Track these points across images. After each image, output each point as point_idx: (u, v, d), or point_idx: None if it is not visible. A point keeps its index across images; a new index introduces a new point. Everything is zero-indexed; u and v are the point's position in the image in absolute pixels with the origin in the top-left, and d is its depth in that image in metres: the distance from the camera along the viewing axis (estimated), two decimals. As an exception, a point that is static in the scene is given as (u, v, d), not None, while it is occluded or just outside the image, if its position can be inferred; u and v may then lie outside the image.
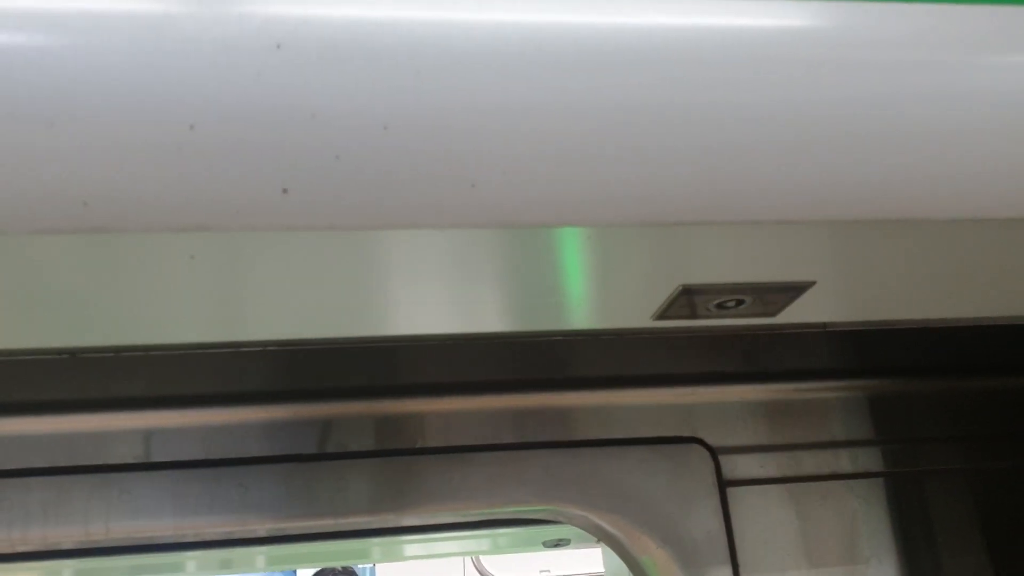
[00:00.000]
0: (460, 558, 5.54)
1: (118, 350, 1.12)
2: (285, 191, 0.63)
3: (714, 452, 1.32)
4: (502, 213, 0.67)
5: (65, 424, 1.17)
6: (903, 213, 0.76)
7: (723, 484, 1.31)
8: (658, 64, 0.68)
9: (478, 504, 1.25)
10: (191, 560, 1.44)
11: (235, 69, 0.61)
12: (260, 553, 1.53)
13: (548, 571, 4.61)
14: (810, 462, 1.37)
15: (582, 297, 0.90)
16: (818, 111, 0.71)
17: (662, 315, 0.89)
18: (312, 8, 0.62)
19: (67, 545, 1.17)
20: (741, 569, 1.29)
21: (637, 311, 0.91)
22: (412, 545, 1.69)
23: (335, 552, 1.76)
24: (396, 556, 1.69)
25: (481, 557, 4.34)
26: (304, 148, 0.62)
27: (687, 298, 0.85)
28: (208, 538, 1.21)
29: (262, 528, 1.20)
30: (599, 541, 1.61)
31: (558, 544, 1.53)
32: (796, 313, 0.97)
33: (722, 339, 1.34)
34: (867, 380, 1.43)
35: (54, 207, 0.61)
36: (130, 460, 1.18)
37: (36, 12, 0.60)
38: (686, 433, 1.31)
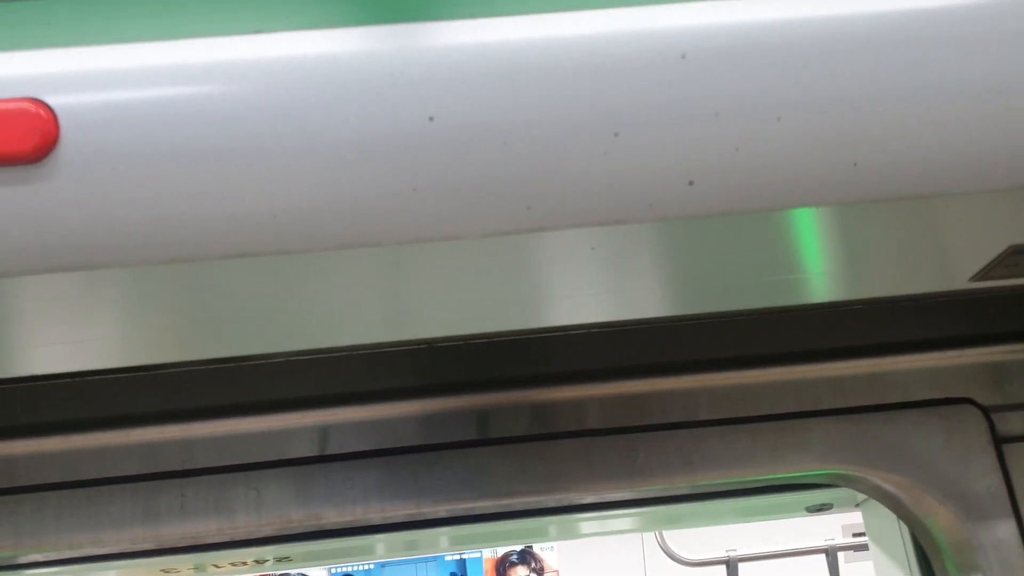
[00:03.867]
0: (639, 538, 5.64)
1: (332, 351, 1.22)
2: (691, 183, 0.72)
3: (986, 411, 1.34)
4: (879, 186, 0.73)
5: (256, 424, 1.28)
6: None
7: (998, 441, 1.33)
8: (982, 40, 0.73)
9: (760, 470, 1.32)
10: (380, 543, 1.55)
11: (648, 77, 0.70)
12: (443, 534, 1.64)
13: (735, 549, 4.60)
14: None
15: (898, 262, 0.96)
16: None
17: (984, 276, 0.94)
18: (711, 17, 0.71)
19: (270, 532, 1.29)
20: (1026, 523, 1.31)
21: (956, 274, 0.95)
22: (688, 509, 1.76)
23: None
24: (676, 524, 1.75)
25: (665, 535, 4.37)
26: (708, 143, 0.71)
27: (1016, 258, 0.90)
28: (399, 520, 1.31)
29: (442, 510, 1.29)
30: (858, 505, 1.65)
31: (821, 509, 1.59)
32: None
33: (987, 300, 1.36)
34: None
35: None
36: (317, 453, 1.28)
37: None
38: (957, 394, 1.34)
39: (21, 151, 0.64)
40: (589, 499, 1.36)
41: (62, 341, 0.95)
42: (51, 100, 0.66)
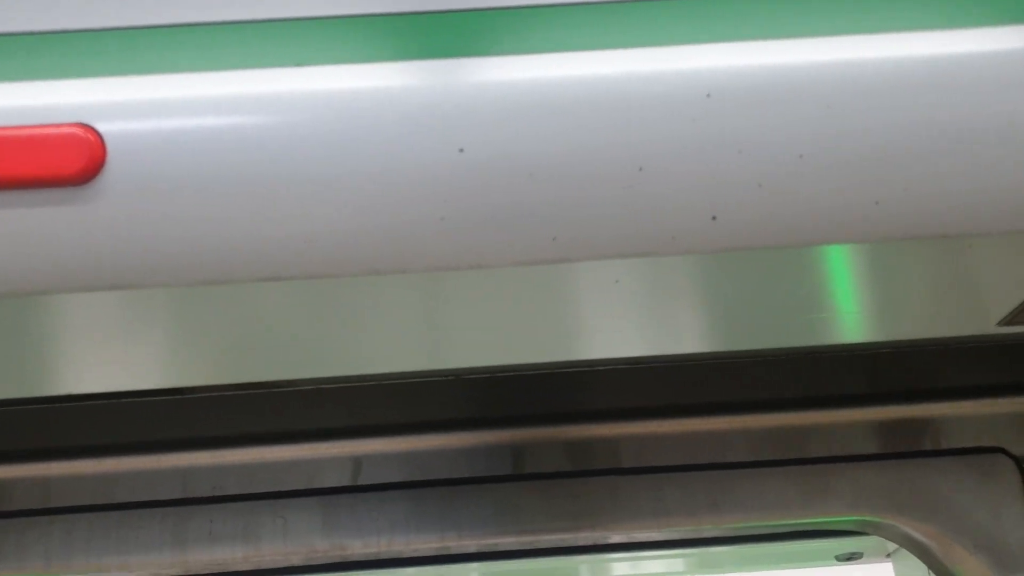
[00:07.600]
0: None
1: (362, 379, 1.23)
2: (714, 218, 0.73)
3: (1019, 461, 1.33)
4: (901, 224, 0.74)
5: (285, 452, 1.29)
6: None
7: None
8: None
9: (788, 514, 1.31)
10: None
11: (674, 114, 0.72)
12: (473, 570, 1.63)
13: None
14: None
15: (927, 304, 0.96)
16: None
17: (1012, 321, 0.94)
18: (735, 60, 0.72)
19: (296, 562, 1.30)
20: (1058, 577, 1.28)
21: (983, 318, 0.95)
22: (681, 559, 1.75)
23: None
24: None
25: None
26: (731, 179, 0.72)
27: (1043, 301, 0.90)
28: (425, 553, 1.31)
29: (467, 544, 1.29)
30: (889, 556, 1.63)
31: (851, 558, 1.57)
32: None
33: (1019, 348, 1.35)
34: None
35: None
36: (344, 483, 1.29)
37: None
38: (989, 443, 1.33)
39: (70, 173, 0.67)
40: (615, 539, 1.36)
41: (100, 361, 0.98)
42: (99, 126, 0.69)
